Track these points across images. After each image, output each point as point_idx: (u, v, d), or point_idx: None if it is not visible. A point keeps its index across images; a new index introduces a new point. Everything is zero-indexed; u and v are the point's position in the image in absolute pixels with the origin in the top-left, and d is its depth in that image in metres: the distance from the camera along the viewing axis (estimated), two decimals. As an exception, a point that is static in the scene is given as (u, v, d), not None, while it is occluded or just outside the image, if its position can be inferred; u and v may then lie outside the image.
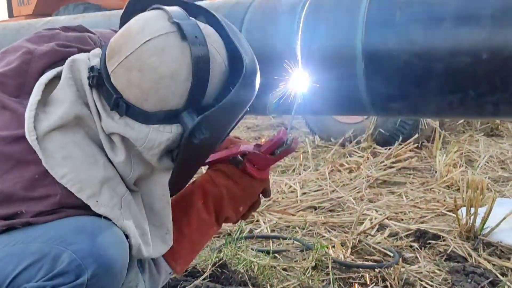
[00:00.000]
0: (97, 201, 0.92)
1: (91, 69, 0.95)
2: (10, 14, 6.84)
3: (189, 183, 1.10)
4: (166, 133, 0.94)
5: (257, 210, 1.25)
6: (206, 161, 1.13)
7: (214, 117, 0.94)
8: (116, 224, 0.93)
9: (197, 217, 1.10)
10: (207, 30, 0.97)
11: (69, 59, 0.98)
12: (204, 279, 1.67)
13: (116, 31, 1.02)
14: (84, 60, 0.98)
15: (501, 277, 1.72)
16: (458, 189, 2.70)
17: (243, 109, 1.01)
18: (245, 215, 1.19)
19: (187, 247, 1.10)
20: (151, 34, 0.92)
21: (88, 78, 0.95)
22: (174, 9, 0.96)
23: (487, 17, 1.18)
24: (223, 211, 1.13)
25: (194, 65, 0.91)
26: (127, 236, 0.93)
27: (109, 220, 0.93)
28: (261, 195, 1.19)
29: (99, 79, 0.94)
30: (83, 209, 0.91)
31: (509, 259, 1.85)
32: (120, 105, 0.93)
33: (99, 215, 0.92)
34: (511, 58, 1.17)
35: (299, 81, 1.30)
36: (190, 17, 0.96)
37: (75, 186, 0.91)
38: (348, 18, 1.37)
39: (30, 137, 0.91)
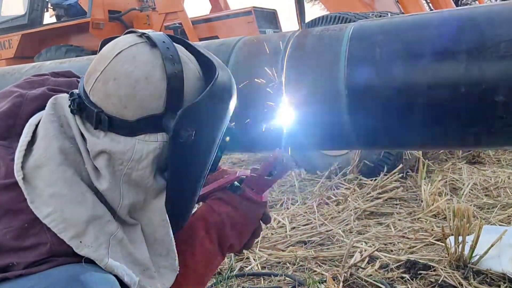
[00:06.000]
0: (80, 242, 0.90)
1: (71, 94, 0.98)
2: (-9, 58, 6.86)
3: (191, 212, 1.08)
4: (152, 143, 0.95)
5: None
6: (205, 192, 1.11)
7: (195, 112, 0.94)
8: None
9: (200, 247, 1.09)
10: (176, 44, 1.01)
11: (52, 98, 1.00)
12: (196, 320, 1.64)
13: None
14: (66, 97, 1.00)
15: (493, 305, 1.73)
16: (445, 217, 2.73)
17: (224, 110, 1.00)
18: (247, 243, 1.18)
19: (193, 280, 1.07)
20: (121, 47, 0.96)
21: (69, 106, 0.97)
22: (143, 30, 1.01)
23: (463, 52, 1.23)
24: (226, 239, 1.12)
25: (166, 65, 0.94)
26: (117, 276, 0.91)
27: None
28: (261, 221, 1.18)
29: (80, 103, 0.96)
30: (75, 256, 0.90)
31: (499, 286, 1.86)
32: (102, 119, 0.94)
33: (91, 261, 0.90)
34: (488, 91, 1.22)
35: (285, 117, 1.33)
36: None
37: (59, 226, 0.89)
38: (331, 56, 1.41)
39: (18, 176, 0.91)
